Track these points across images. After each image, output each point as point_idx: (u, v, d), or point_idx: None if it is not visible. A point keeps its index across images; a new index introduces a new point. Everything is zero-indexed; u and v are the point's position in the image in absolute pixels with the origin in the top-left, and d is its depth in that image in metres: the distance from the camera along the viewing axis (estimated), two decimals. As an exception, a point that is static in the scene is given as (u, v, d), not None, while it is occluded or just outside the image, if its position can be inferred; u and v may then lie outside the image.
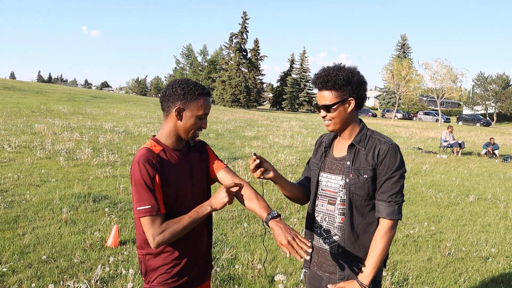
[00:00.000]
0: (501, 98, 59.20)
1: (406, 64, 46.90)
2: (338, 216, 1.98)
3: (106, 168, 8.27)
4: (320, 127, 25.68)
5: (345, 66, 1.97)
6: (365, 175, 1.91)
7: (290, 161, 11.02)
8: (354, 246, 1.95)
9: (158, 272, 1.87)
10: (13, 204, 5.72)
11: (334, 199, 2.00)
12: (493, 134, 29.08)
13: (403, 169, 1.92)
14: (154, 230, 1.73)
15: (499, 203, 8.01)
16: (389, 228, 1.89)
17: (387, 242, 1.88)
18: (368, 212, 1.95)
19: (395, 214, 1.88)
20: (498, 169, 12.96)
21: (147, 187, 1.74)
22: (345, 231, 1.95)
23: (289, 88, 67.53)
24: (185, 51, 79.59)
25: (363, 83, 1.97)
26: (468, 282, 4.35)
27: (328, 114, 1.96)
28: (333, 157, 2.06)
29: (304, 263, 2.17)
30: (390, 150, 1.90)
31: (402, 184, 1.92)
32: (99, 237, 4.75)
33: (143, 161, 1.76)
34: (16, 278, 3.68)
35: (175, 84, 1.87)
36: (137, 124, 17.36)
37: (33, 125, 13.87)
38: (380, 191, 1.91)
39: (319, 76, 1.97)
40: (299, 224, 5.78)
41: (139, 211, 1.74)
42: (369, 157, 1.92)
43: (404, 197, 1.96)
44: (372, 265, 1.88)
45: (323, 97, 1.96)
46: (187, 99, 1.83)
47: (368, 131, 2.00)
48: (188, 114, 1.84)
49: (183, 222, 1.77)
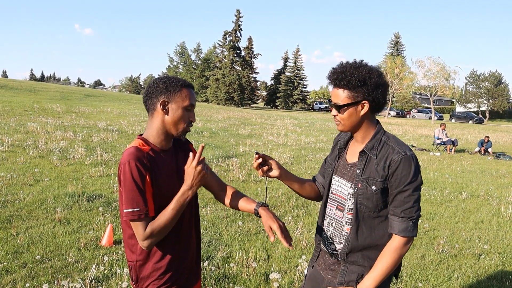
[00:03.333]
0: (493, 96, 59.71)
1: (399, 62, 47.15)
2: (345, 225, 1.89)
3: (100, 167, 8.24)
4: (314, 125, 25.73)
5: (366, 65, 1.80)
6: (374, 186, 1.77)
7: (284, 159, 11.03)
8: (358, 256, 1.86)
9: (150, 279, 1.82)
10: (6, 203, 5.68)
11: (343, 206, 1.90)
12: (485, 131, 29.29)
13: (418, 181, 1.74)
14: (141, 233, 1.69)
15: (491, 200, 8.08)
16: (402, 245, 1.75)
17: (396, 258, 1.75)
18: (377, 224, 1.83)
19: (408, 231, 1.74)
20: (490, 166, 13.07)
21: (137, 188, 1.68)
22: (349, 242, 1.85)
23: (283, 86, 67.51)
24: (179, 49, 79.38)
25: (382, 86, 1.79)
26: (462, 279, 4.39)
27: (339, 114, 1.83)
28: (345, 161, 1.95)
29: (310, 260, 2.14)
30: (403, 161, 1.73)
31: (418, 198, 1.75)
32: (93, 237, 4.73)
33: (134, 160, 1.69)
34: (10, 278, 3.66)
35: (156, 80, 1.85)
36: (131, 122, 17.29)
37: (26, 124, 13.76)
38: (393, 205, 1.77)
39: (335, 72, 1.82)
40: (293, 222, 5.80)
41: (127, 214, 1.67)
42: (380, 167, 1.77)
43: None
44: (375, 278, 1.77)
45: (336, 95, 1.81)
46: (170, 91, 1.79)
47: (383, 136, 1.84)
48: (174, 106, 1.80)
49: (166, 215, 1.70)
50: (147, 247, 1.71)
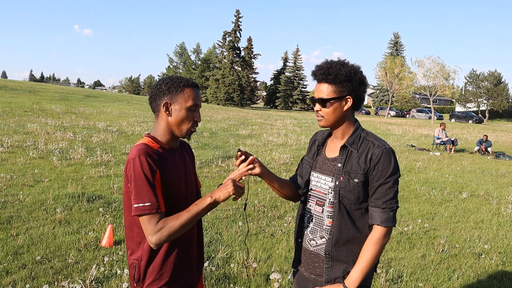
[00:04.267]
0: (493, 95, 59.68)
1: (399, 61, 47.15)
2: (326, 219, 1.92)
3: (100, 168, 8.23)
4: (314, 125, 25.73)
5: (348, 62, 1.89)
6: (356, 179, 1.84)
7: (284, 160, 11.03)
8: (342, 250, 1.89)
9: (152, 278, 1.79)
10: (6, 204, 5.68)
11: (323, 200, 1.94)
12: (485, 131, 29.28)
13: (397, 174, 1.84)
14: (152, 229, 1.64)
15: (491, 200, 8.08)
16: (383, 235, 1.83)
17: (379, 249, 1.82)
18: (358, 217, 1.89)
19: (389, 221, 1.82)
20: (490, 166, 13.07)
21: (148, 182, 1.65)
22: (333, 235, 1.89)
23: (282, 87, 67.51)
24: (179, 50, 79.47)
25: (363, 84, 1.89)
26: (462, 279, 4.39)
27: (323, 109, 1.88)
28: (325, 157, 2.00)
29: (293, 263, 2.14)
30: (384, 154, 1.82)
31: (396, 190, 1.85)
32: (93, 237, 4.73)
33: (144, 155, 1.67)
34: (10, 279, 3.66)
35: (159, 82, 1.85)
36: (131, 123, 17.28)
37: (26, 124, 13.76)
38: (374, 197, 1.84)
39: (321, 67, 1.88)
40: (293, 222, 5.80)
41: (137, 209, 1.64)
42: (361, 160, 1.84)
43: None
44: (361, 270, 1.82)
45: (321, 90, 1.87)
46: (172, 93, 1.79)
47: (362, 133, 1.93)
48: (177, 107, 1.80)
49: (182, 218, 1.66)
50: (155, 244, 1.66)
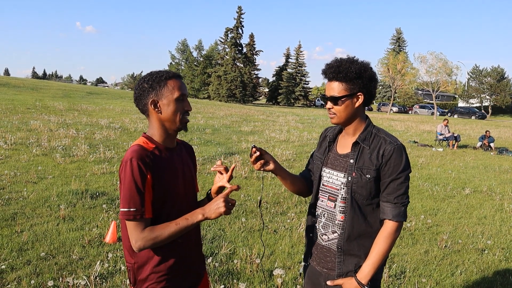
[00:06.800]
0: (496, 91, 59.44)
1: (401, 57, 46.92)
2: (339, 214, 1.95)
3: (103, 165, 8.26)
4: (316, 122, 25.71)
5: (358, 60, 1.91)
6: (368, 174, 1.87)
7: (287, 156, 11.04)
8: (354, 245, 1.92)
9: (148, 282, 1.77)
10: (10, 201, 5.71)
11: (335, 196, 1.97)
12: (488, 127, 29.21)
13: (409, 170, 1.88)
14: (137, 234, 1.64)
15: (494, 196, 8.07)
16: (394, 230, 1.86)
17: (390, 243, 1.86)
18: (370, 212, 1.92)
19: (400, 215, 1.85)
20: (493, 161, 13.04)
21: (136, 188, 1.64)
22: (346, 230, 1.92)
23: (284, 83, 67.41)
24: (181, 46, 79.33)
25: (374, 80, 1.92)
26: (465, 274, 4.39)
27: (335, 106, 1.91)
28: (336, 153, 2.02)
29: (304, 257, 2.16)
30: (396, 150, 1.85)
31: (407, 185, 1.88)
32: (97, 234, 4.75)
33: (136, 158, 1.66)
34: (15, 275, 3.69)
35: (140, 81, 1.80)
36: (133, 120, 17.31)
37: (29, 122, 13.80)
38: (385, 192, 1.87)
39: (331, 66, 1.90)
40: (296, 218, 5.81)
41: (123, 213, 1.64)
42: (373, 156, 1.88)
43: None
44: (373, 264, 1.85)
45: (332, 88, 1.90)
46: (156, 89, 1.76)
47: (373, 129, 1.96)
48: (165, 102, 1.76)
49: (169, 229, 1.65)
50: (138, 250, 1.67)
